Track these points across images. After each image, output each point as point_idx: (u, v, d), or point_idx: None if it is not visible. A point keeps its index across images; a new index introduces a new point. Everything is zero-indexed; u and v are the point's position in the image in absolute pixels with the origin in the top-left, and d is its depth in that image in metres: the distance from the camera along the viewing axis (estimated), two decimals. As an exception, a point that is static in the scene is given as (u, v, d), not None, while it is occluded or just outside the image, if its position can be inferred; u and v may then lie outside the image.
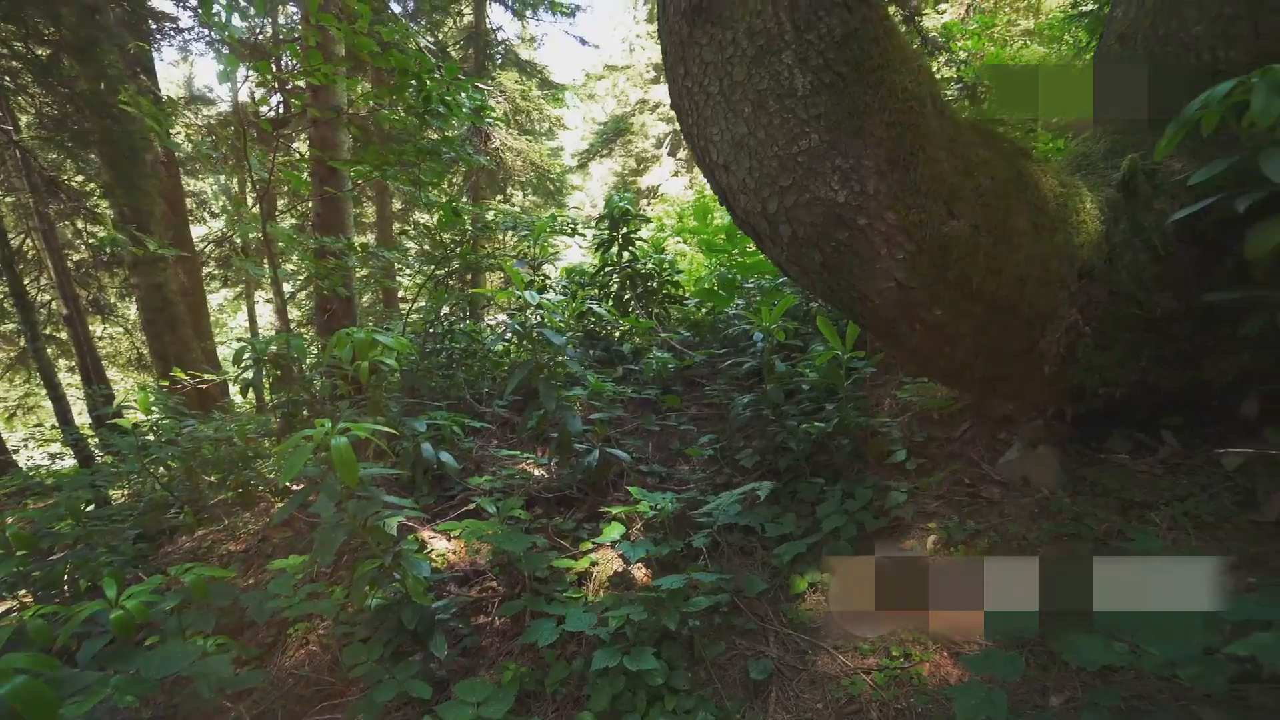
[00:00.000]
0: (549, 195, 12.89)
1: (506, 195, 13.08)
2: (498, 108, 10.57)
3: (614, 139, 19.65)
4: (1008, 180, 1.74)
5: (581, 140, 22.44)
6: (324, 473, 1.97)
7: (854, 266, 1.72)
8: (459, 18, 13.06)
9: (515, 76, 13.46)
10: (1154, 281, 1.91)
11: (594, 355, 4.16)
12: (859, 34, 1.62)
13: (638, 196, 19.71)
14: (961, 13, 9.92)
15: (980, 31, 5.31)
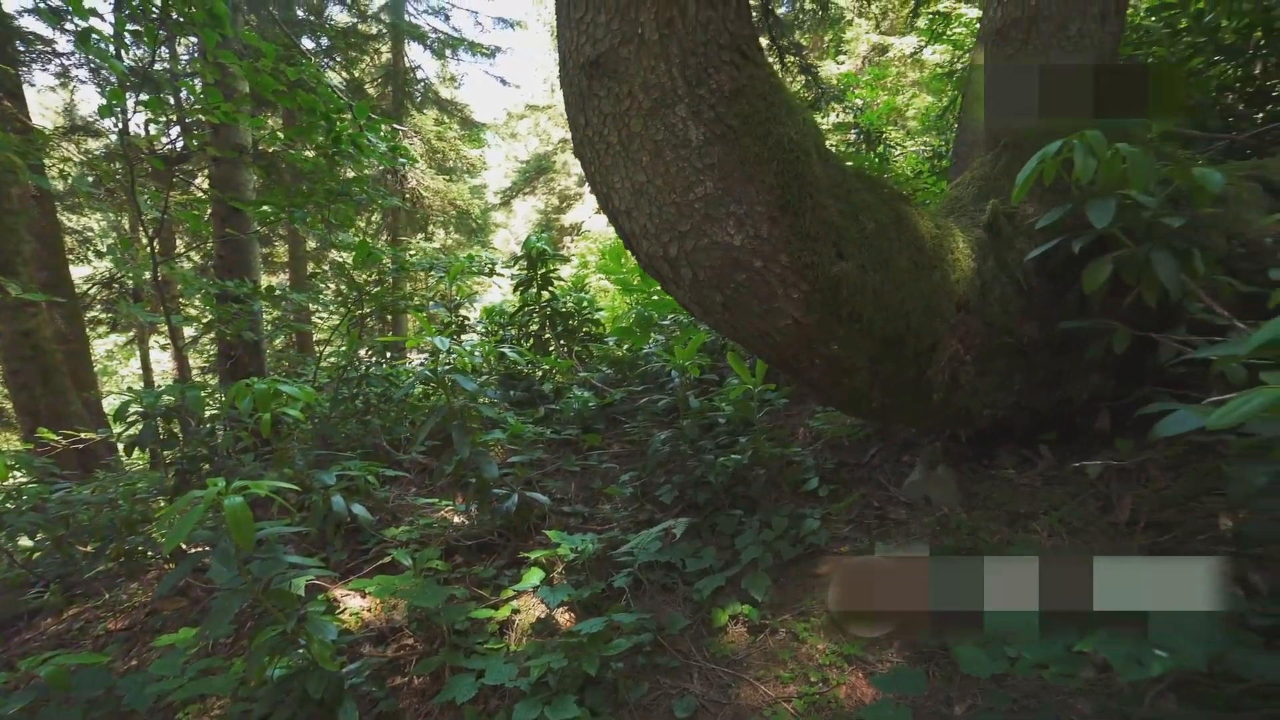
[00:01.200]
0: (472, 233, 12.79)
1: (428, 233, 12.87)
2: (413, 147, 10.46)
3: (536, 177, 19.82)
4: (889, 223, 1.89)
5: (505, 178, 22.50)
6: (218, 535, 1.84)
7: (753, 306, 1.81)
8: (376, 55, 12.94)
9: (435, 115, 13.41)
10: (1019, 312, 2.12)
11: (515, 396, 4.11)
12: (747, 90, 1.74)
13: (561, 234, 19.87)
14: (859, 64, 10.78)
15: (873, 82, 5.79)
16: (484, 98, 60.47)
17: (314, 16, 9.96)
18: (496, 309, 5.18)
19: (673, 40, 1.71)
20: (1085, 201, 1.76)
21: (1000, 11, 2.37)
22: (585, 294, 4.72)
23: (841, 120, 5.29)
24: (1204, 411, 1.26)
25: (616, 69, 1.77)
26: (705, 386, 3.55)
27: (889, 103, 5.18)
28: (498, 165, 26.41)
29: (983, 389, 2.15)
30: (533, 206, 22.96)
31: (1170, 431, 1.27)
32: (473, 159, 13.12)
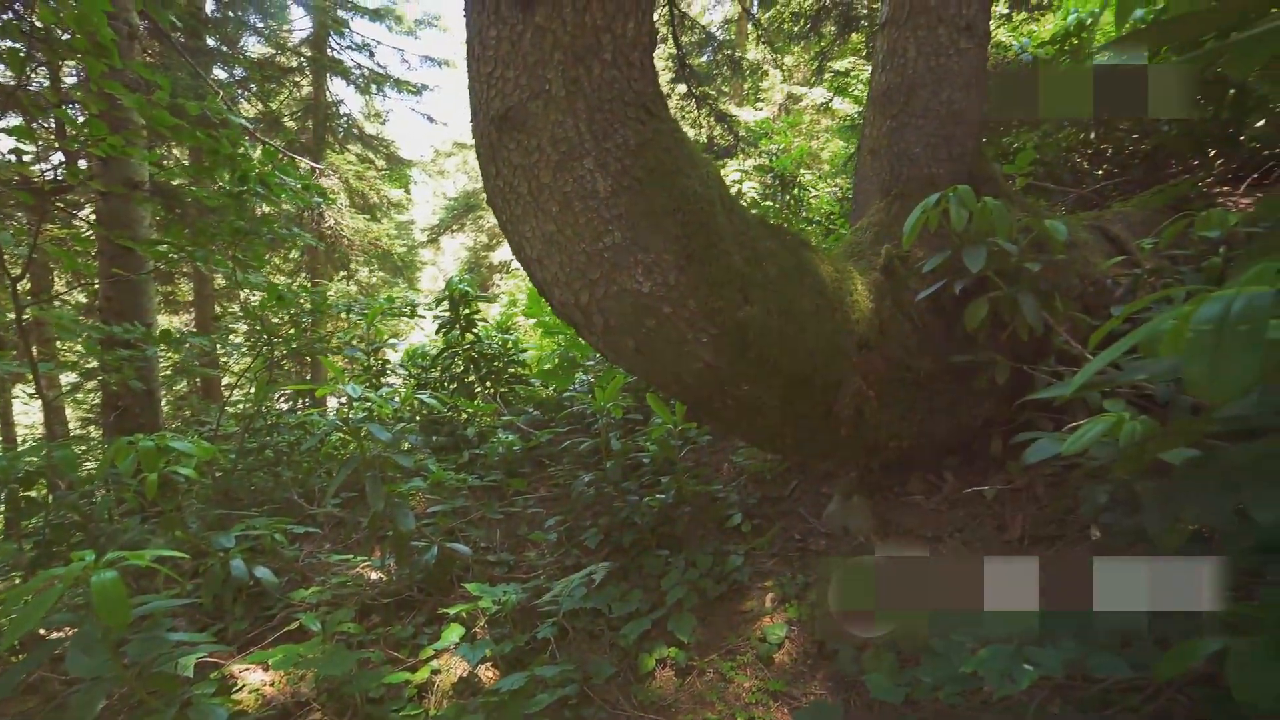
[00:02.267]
0: (397, 271, 12.47)
1: (350, 272, 12.46)
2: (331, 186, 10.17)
3: (465, 214, 19.66)
4: (792, 268, 2.00)
5: (433, 215, 22.19)
6: (84, 616, 1.66)
7: (665, 350, 1.86)
8: (296, 88, 12.61)
9: (359, 150, 13.13)
10: (916, 348, 2.27)
11: (438, 441, 3.99)
12: (652, 143, 1.81)
13: (490, 271, 19.69)
14: (776, 111, 11.43)
15: (787, 129, 6.15)
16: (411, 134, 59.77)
17: (226, 46, 9.63)
18: (419, 351, 5.05)
19: (579, 97, 1.78)
20: (962, 248, 1.93)
21: (884, 77, 2.60)
22: (511, 335, 4.68)
23: (759, 164, 5.58)
24: (1061, 438, 1.39)
25: (525, 123, 1.81)
26: (631, 425, 3.57)
27: (802, 148, 5.52)
28: (425, 202, 26.05)
29: (887, 421, 2.27)
30: (461, 244, 22.69)
31: (1035, 459, 1.38)
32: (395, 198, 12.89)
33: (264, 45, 11.67)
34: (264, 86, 10.52)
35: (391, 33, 12.99)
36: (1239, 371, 0.79)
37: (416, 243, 18.90)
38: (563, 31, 1.77)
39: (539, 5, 1.78)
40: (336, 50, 12.41)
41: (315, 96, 12.61)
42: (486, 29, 1.85)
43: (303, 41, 12.49)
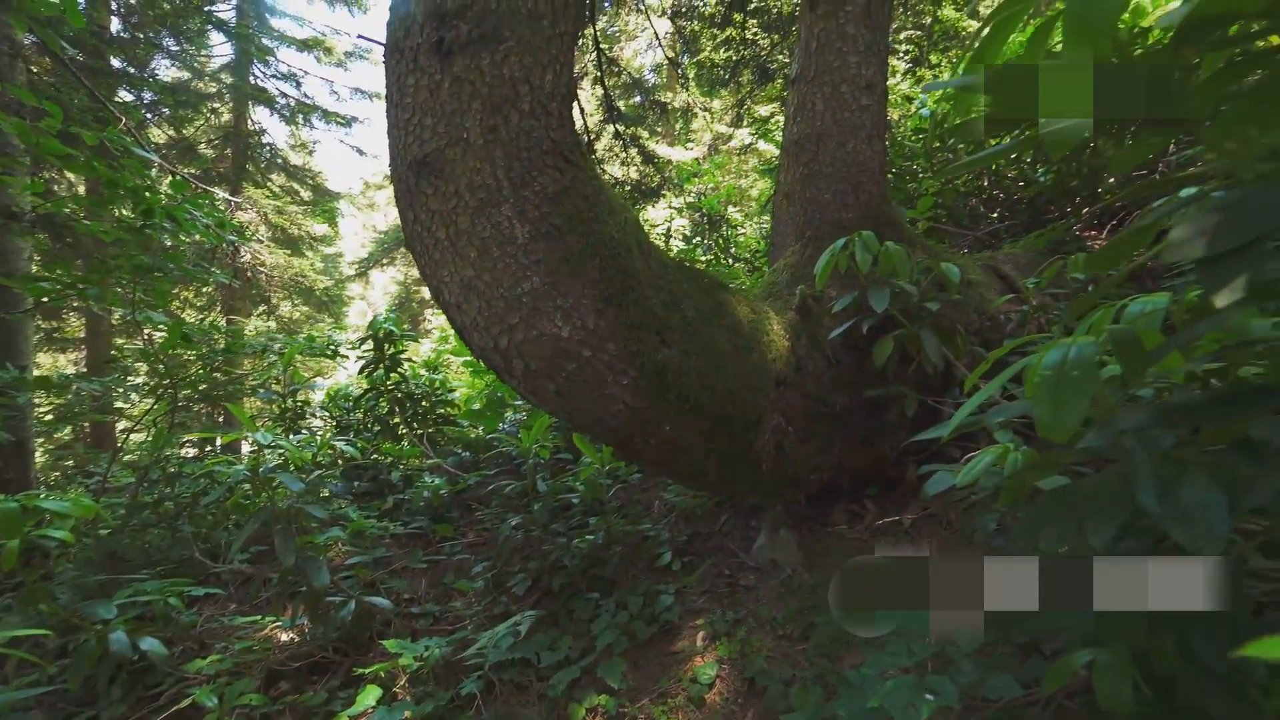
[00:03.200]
0: (322, 306, 11.98)
1: (271, 307, 11.87)
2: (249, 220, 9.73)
3: (395, 248, 19.19)
4: (709, 310, 2.06)
5: (362, 248, 21.56)
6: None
7: (586, 393, 1.86)
8: (215, 115, 12.09)
9: (283, 181, 12.67)
10: (831, 384, 2.37)
11: (360, 487, 3.81)
12: (570, 191, 1.84)
13: (421, 306, 19.23)
14: (704, 151, 11.88)
15: (715, 169, 6.40)
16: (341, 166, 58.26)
17: (135, 68, 9.13)
18: (342, 392, 4.84)
19: (497, 145, 1.79)
20: (868, 289, 2.05)
21: (796, 129, 2.76)
22: (439, 374, 4.56)
23: (687, 203, 5.76)
24: (958, 470, 1.48)
25: (443, 169, 1.81)
26: (561, 465, 3.52)
27: (729, 188, 5.74)
28: (354, 235, 25.30)
29: (807, 455, 2.35)
30: (391, 278, 22.11)
31: (933, 491, 1.46)
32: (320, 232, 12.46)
33: (178, 69, 11.18)
34: (177, 111, 10.03)
35: (320, 64, 12.75)
36: (1073, 412, 0.87)
37: (344, 277, 18.28)
38: (481, 82, 1.79)
39: (457, 56, 1.80)
40: (261, 78, 12.04)
41: (236, 124, 12.14)
42: (405, 76, 1.85)
43: (223, 68, 12.05)
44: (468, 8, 1.79)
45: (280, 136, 18.99)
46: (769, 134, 6.27)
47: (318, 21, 12.22)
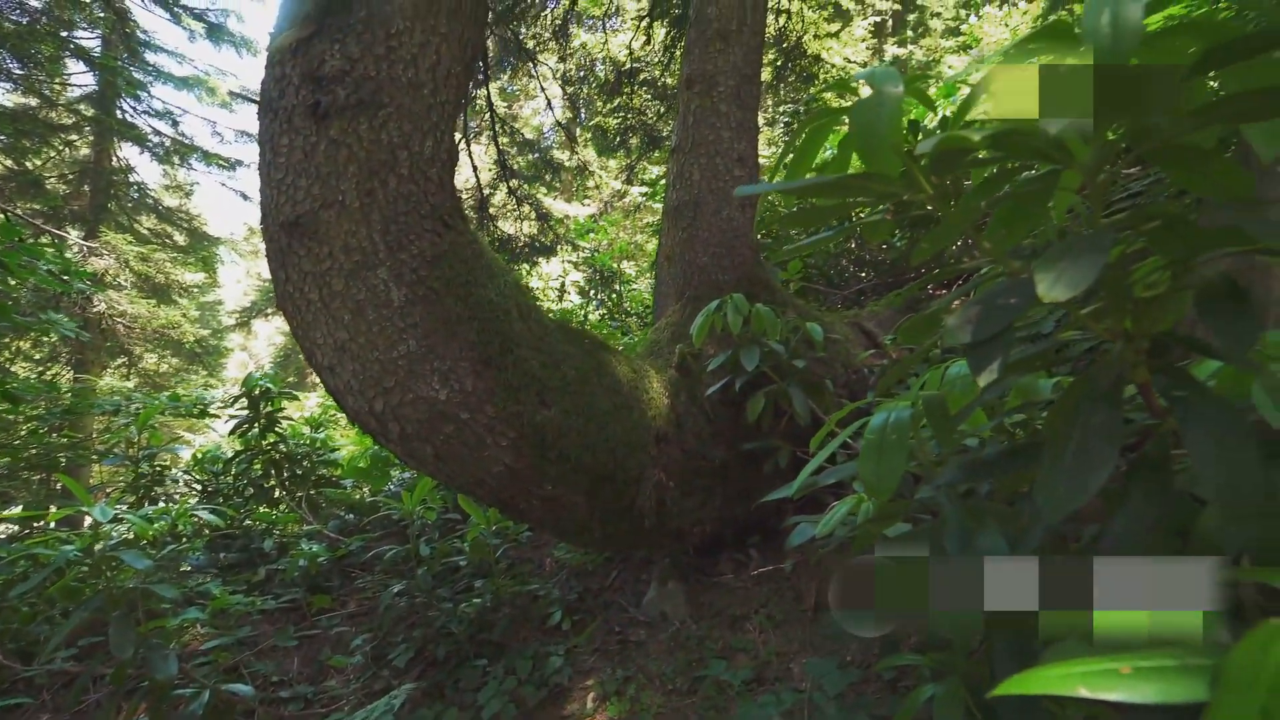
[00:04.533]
0: (195, 359, 10.96)
1: (133, 360, 10.70)
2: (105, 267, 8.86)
3: (284, 294, 18.05)
4: (590, 370, 2.12)
5: (245, 296, 20.12)
6: None
7: (465, 456, 1.85)
8: (69, 148, 11.02)
9: (154, 223, 11.68)
10: (711, 438, 2.49)
11: (228, 559, 3.47)
12: (448, 255, 1.87)
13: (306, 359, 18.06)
14: (601, 207, 12.26)
15: (609, 226, 6.63)
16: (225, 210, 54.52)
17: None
18: (210, 454, 4.43)
19: (374, 208, 1.80)
20: (740, 349, 2.21)
21: (676, 195, 2.97)
22: (320, 432, 4.30)
23: (582, 259, 5.92)
24: (817, 521, 1.60)
25: (317, 230, 1.78)
26: (451, 525, 3.41)
27: (621, 245, 5.96)
28: (237, 282, 23.58)
29: (689, 508, 2.43)
30: (277, 328, 20.71)
31: (795, 543, 1.58)
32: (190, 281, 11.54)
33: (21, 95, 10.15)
34: (18, 141, 9.06)
35: (203, 103, 12.04)
36: (893, 472, 1.00)
37: (224, 327, 16.94)
38: (358, 146, 1.81)
39: (334, 120, 1.81)
40: (131, 113, 11.18)
41: (97, 160, 11.15)
42: (278, 136, 1.83)
43: (83, 98, 11.09)
44: (346, 73, 1.81)
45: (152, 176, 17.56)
46: (657, 195, 6.63)
47: (201, 60, 11.51)
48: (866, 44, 19.14)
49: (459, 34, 2.07)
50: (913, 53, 20.01)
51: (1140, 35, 0.56)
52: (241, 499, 3.93)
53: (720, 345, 2.61)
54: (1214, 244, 0.59)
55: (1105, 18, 0.58)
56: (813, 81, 8.44)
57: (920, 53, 19.87)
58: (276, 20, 1.93)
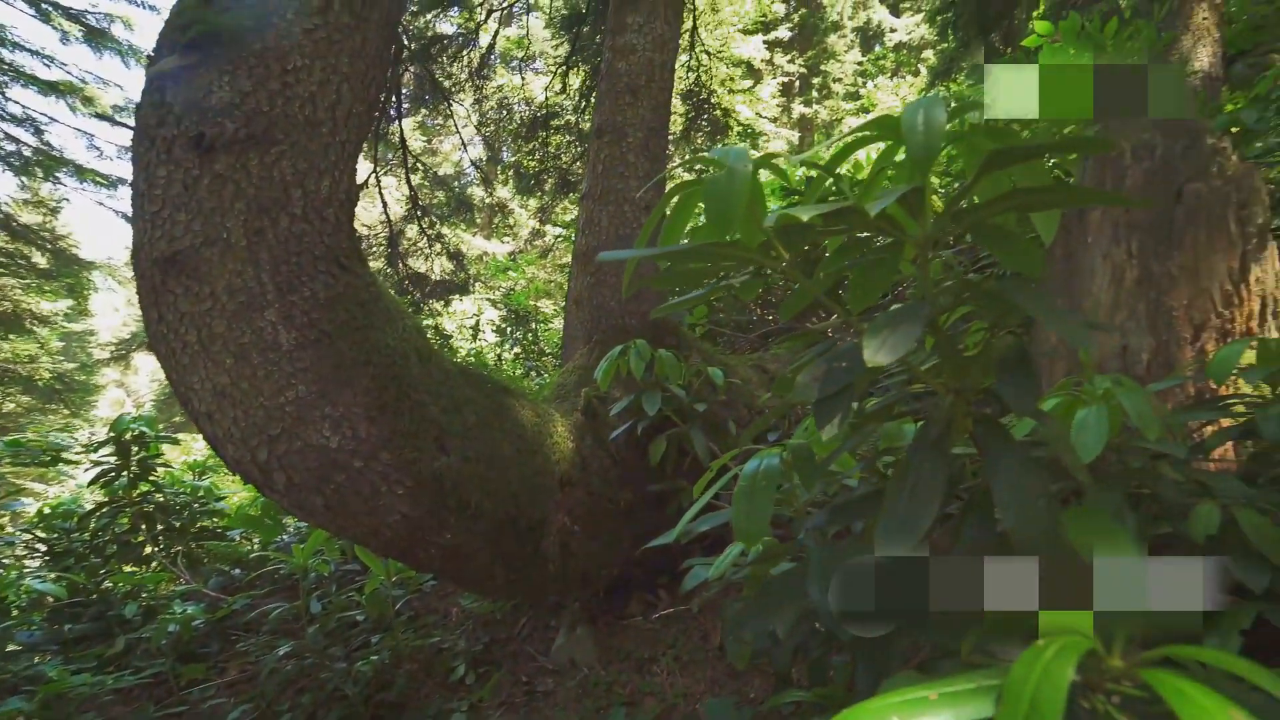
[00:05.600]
0: (52, 398, 9.76)
1: (-27, 398, 9.38)
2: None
3: (169, 327, 16.60)
4: (491, 415, 2.10)
5: (124, 327, 18.34)
6: None
7: (358, 505, 1.77)
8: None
9: (4, 241, 10.44)
10: (616, 481, 2.50)
11: (75, 631, 3.07)
12: (343, 298, 1.82)
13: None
14: (520, 245, 12.25)
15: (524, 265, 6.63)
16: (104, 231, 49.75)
17: None
18: (63, 507, 3.94)
19: (263, 248, 1.73)
20: (642, 393, 2.26)
21: (584, 240, 3.04)
22: (205, 479, 3.92)
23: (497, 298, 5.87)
24: (709, 565, 1.64)
25: (197, 269, 1.68)
26: (350, 577, 3.20)
27: (536, 284, 5.97)
28: (115, 310, 21.48)
29: (595, 551, 2.42)
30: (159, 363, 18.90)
31: (689, 586, 1.60)
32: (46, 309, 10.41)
33: None
34: None
35: (77, 113, 11.03)
36: (761, 517, 1.05)
37: (94, 361, 15.30)
38: (247, 183, 1.74)
39: (220, 154, 1.73)
40: (-22, 116, 10.02)
41: (-77, 165, 9.89)
42: (155, 167, 1.73)
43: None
44: (235, 106, 1.75)
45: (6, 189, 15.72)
46: (570, 238, 6.73)
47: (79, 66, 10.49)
48: (776, 102, 20.58)
49: (362, 74, 2.06)
50: (817, 112, 21.71)
51: (944, 133, 0.66)
52: (100, 559, 3.50)
53: (626, 388, 2.65)
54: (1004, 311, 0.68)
55: (920, 118, 0.68)
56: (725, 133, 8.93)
57: (825, 113, 21.60)
58: (157, 44, 1.85)
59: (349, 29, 1.99)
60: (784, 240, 0.74)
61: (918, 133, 0.66)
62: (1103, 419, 1.15)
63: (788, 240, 0.75)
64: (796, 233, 0.72)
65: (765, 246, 0.79)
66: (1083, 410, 1.20)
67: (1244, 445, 1.37)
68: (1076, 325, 0.57)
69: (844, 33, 21.65)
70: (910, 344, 0.62)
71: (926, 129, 0.66)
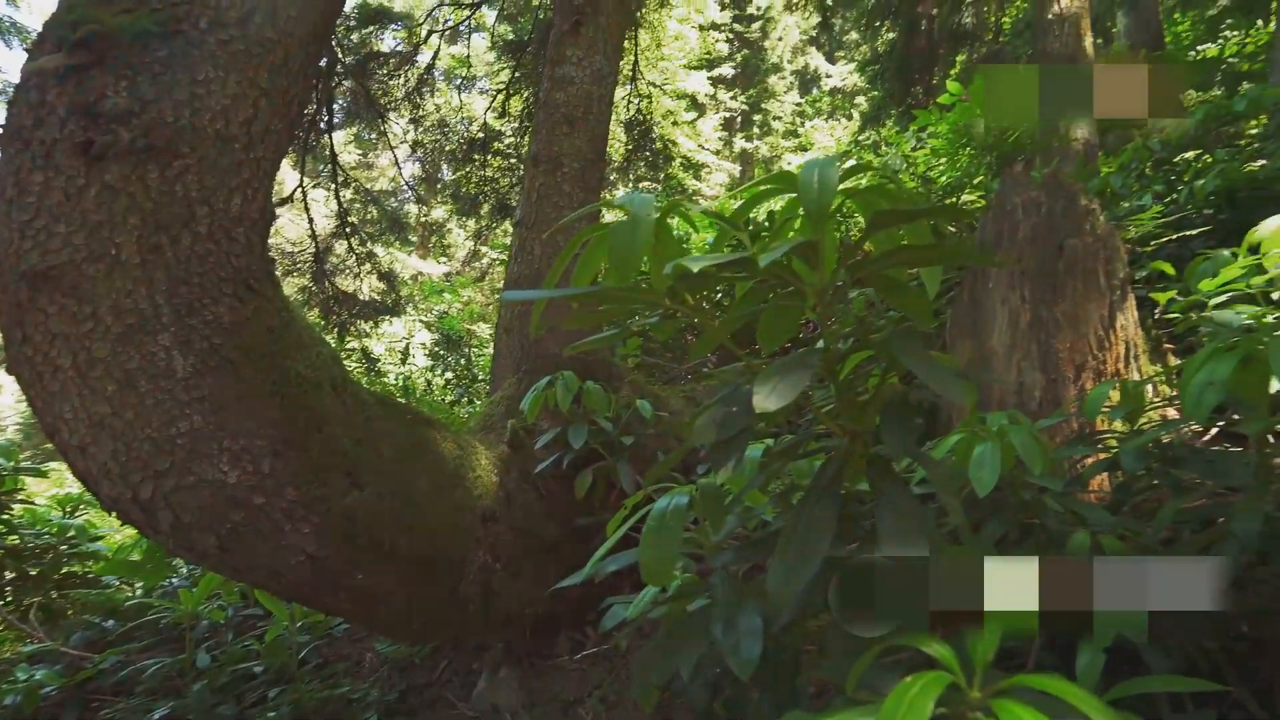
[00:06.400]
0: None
1: None
2: None
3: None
4: (410, 448, 2.01)
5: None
6: None
7: (257, 546, 1.64)
8: None
9: None
10: (543, 515, 2.44)
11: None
12: (251, 323, 1.71)
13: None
14: (458, 266, 12.04)
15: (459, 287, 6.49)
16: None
17: None
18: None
19: (159, 266, 1.61)
20: (568, 426, 2.23)
21: (517, 268, 3.01)
22: (75, 518, 3.53)
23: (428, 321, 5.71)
24: (629, 604, 1.61)
25: (77, 286, 1.55)
26: (251, 624, 2.95)
27: (473, 308, 5.86)
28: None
29: (519, 590, 2.34)
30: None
31: (608, 627, 1.57)
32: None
33: None
34: None
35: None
36: (668, 556, 1.04)
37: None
38: (144, 196, 1.62)
39: (112, 164, 1.61)
40: None
41: None
42: (28, 171, 1.58)
43: None
44: (133, 114, 1.63)
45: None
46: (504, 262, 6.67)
47: None
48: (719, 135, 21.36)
49: (284, 90, 1.98)
50: (758, 147, 22.67)
51: (835, 190, 0.69)
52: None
53: (555, 419, 2.61)
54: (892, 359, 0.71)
55: (815, 176, 0.71)
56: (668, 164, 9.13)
57: (765, 148, 22.59)
58: (39, 37, 1.71)
59: (271, 44, 1.92)
60: (689, 286, 0.75)
61: (812, 190, 0.69)
62: (996, 455, 1.23)
63: (692, 285, 0.76)
64: (697, 279, 0.73)
65: (673, 291, 0.80)
66: (979, 447, 1.27)
67: (1115, 476, 1.49)
68: (946, 378, 0.61)
69: (784, 74, 22.87)
70: (797, 392, 0.64)
71: (820, 187, 0.69)
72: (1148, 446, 1.27)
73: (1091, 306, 1.83)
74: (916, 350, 0.64)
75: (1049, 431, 1.77)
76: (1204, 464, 1.17)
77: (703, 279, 0.72)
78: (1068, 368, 1.84)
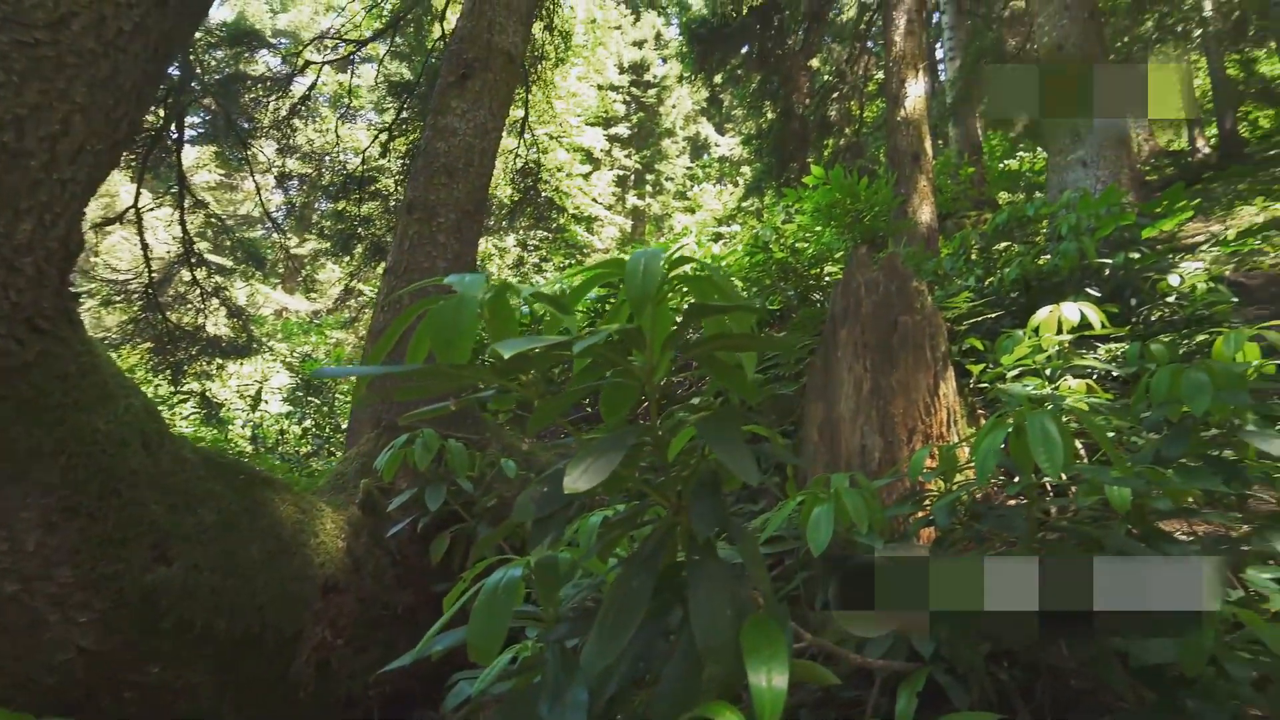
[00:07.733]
0: None
1: None
2: None
3: None
4: (239, 512, 1.79)
5: None
6: None
7: (3, 646, 1.36)
8: None
9: None
10: (396, 581, 2.25)
11: None
12: (33, 368, 1.47)
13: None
14: (331, 304, 11.26)
15: (326, 329, 6.04)
16: None
17: None
18: None
19: (-88, 300, 1.35)
20: (425, 486, 2.10)
21: (383, 317, 2.85)
22: None
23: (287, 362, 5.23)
24: (474, 678, 1.51)
25: None
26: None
27: (339, 351, 5.45)
28: None
29: (363, 667, 2.12)
30: None
31: (451, 705, 1.45)
32: None
33: None
34: None
35: None
36: (496, 633, 0.99)
37: None
38: (-99, 218, 1.37)
39: None
40: None
41: None
42: None
43: None
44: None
45: None
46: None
47: None
48: (612, 191, 22.06)
49: (108, 108, 1.78)
50: (650, 205, 23.63)
51: (659, 281, 0.71)
52: None
53: (415, 479, 2.46)
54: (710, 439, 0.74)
55: (641, 267, 0.73)
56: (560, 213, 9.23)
57: (657, 206, 23.59)
58: None
59: (93, 55, 1.73)
60: (515, 366, 0.74)
61: (637, 280, 0.71)
62: (830, 516, 1.31)
63: (520, 366, 0.75)
64: (522, 360, 0.72)
65: (501, 370, 0.79)
66: (817, 508, 1.35)
67: (937, 530, 1.64)
68: (747, 464, 0.64)
69: (676, 139, 24.29)
70: (607, 473, 0.64)
71: (644, 278, 0.71)
72: (956, 504, 1.42)
73: (920, 376, 2.04)
74: (725, 431, 0.67)
75: (885, 490, 1.93)
76: (996, 518, 1.32)
77: (527, 360, 0.71)
78: (902, 431, 2.02)
